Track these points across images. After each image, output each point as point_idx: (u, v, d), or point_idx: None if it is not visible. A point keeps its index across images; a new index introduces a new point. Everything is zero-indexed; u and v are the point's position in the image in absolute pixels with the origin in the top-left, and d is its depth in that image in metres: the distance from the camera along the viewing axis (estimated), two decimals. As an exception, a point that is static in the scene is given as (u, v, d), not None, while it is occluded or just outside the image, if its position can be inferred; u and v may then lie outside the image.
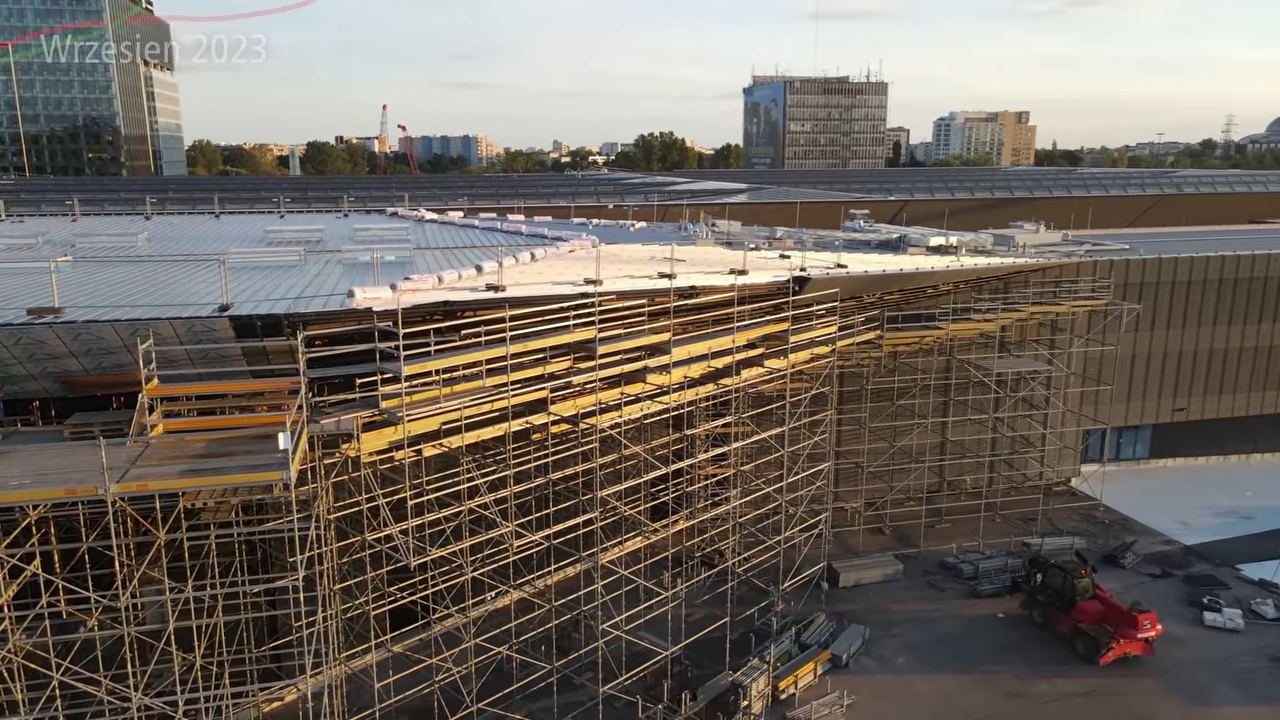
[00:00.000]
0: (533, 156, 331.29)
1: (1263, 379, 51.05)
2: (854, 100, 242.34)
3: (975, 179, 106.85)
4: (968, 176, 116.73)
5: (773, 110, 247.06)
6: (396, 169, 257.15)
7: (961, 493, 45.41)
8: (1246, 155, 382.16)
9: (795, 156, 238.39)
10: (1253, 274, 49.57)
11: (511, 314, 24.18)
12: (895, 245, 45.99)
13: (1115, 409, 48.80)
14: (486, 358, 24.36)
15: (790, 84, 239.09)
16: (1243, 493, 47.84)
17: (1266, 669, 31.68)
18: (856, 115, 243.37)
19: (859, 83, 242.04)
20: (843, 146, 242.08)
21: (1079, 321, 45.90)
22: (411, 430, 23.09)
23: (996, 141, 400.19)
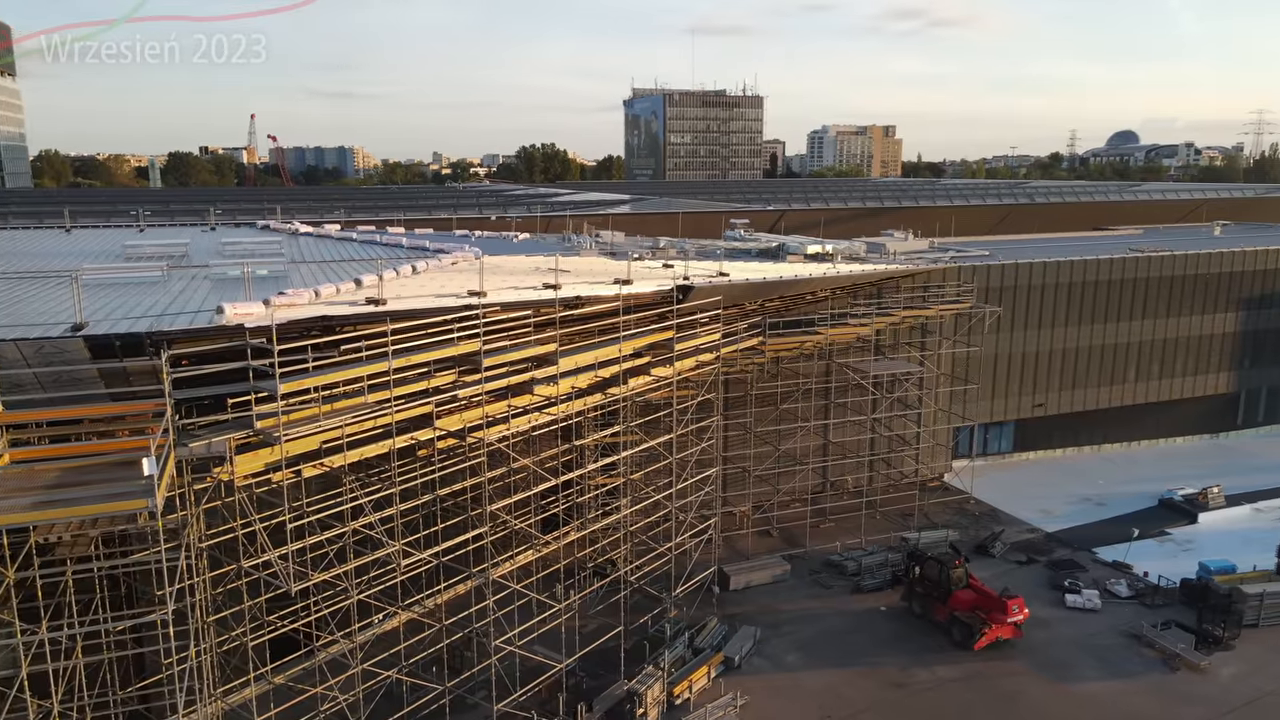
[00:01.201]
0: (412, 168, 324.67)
1: (1110, 375, 54.94)
2: (731, 113, 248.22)
3: (848, 189, 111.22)
4: (841, 187, 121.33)
5: (653, 122, 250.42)
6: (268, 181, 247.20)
7: (844, 492, 46.97)
8: (1089, 167, 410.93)
9: (676, 168, 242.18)
10: (1098, 278, 53.35)
11: (393, 328, 23.59)
12: (775, 253, 47.31)
13: (981, 406, 51.62)
14: (368, 373, 23.67)
15: (670, 97, 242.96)
16: (1096, 481, 51.32)
17: (1122, 644, 34.02)
18: (734, 128, 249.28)
19: (736, 96, 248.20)
20: (722, 158, 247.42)
21: (946, 324, 48.32)
22: (289, 450, 22.18)
23: (866, 154, 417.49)
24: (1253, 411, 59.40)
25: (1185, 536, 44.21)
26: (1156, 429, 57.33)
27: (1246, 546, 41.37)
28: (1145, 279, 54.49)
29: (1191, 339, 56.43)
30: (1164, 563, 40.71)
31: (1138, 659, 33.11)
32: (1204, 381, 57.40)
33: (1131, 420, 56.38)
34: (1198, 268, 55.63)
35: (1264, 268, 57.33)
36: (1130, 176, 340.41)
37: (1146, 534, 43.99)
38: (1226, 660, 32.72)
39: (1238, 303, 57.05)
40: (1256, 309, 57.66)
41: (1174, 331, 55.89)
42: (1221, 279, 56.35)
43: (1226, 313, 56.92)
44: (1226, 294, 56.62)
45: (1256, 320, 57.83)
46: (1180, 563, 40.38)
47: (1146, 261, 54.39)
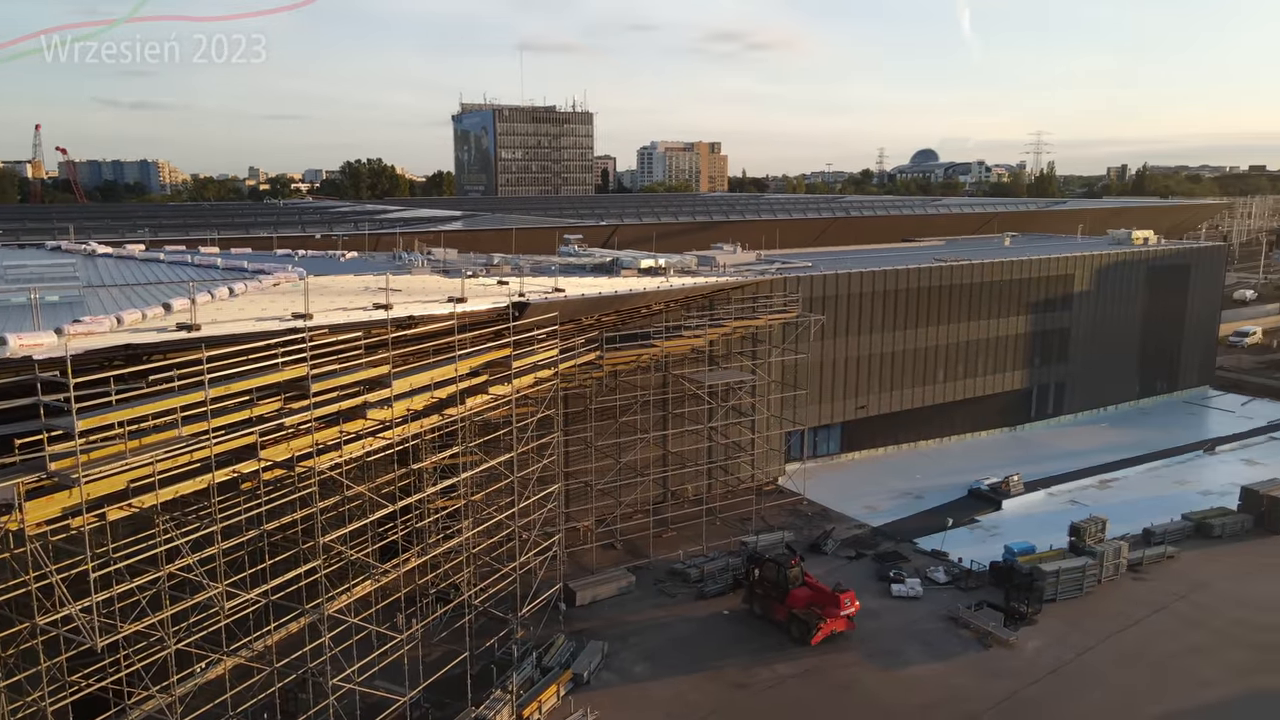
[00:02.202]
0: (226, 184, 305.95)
1: (922, 376, 59.02)
2: (562, 129, 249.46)
3: (678, 204, 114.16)
4: (671, 202, 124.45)
5: (483, 138, 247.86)
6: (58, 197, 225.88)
7: (684, 501, 47.96)
8: (897, 182, 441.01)
9: (508, 184, 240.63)
10: (908, 286, 57.26)
11: (210, 355, 22.10)
12: (609, 268, 47.80)
13: (810, 411, 54.13)
14: (182, 404, 22.04)
15: (500, 112, 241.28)
16: (914, 476, 54.89)
17: (942, 627, 36.50)
18: (565, 144, 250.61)
19: (566, 112, 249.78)
20: (554, 174, 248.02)
21: (775, 333, 50.42)
22: (91, 492, 20.28)
23: (694, 169, 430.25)
24: (1043, 405, 65.38)
25: (992, 522, 48.02)
26: (964, 424, 62.04)
27: (1043, 528, 45.40)
28: (949, 286, 58.98)
29: (990, 341, 61.53)
30: (975, 548, 44.03)
31: (956, 639, 35.60)
32: (1002, 379, 62.69)
33: (943, 417, 60.74)
34: (993, 275, 60.78)
35: (1047, 275, 63.37)
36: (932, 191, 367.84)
37: (959, 522, 47.51)
38: (1031, 634, 35.74)
39: (1027, 307, 62.75)
40: (1043, 312, 63.62)
41: (975, 334, 60.77)
42: (1013, 285, 61.83)
43: (1018, 316, 62.47)
44: (1018, 299, 62.16)
45: (1043, 322, 63.80)
46: (989, 547, 43.79)
47: (950, 270, 58.90)
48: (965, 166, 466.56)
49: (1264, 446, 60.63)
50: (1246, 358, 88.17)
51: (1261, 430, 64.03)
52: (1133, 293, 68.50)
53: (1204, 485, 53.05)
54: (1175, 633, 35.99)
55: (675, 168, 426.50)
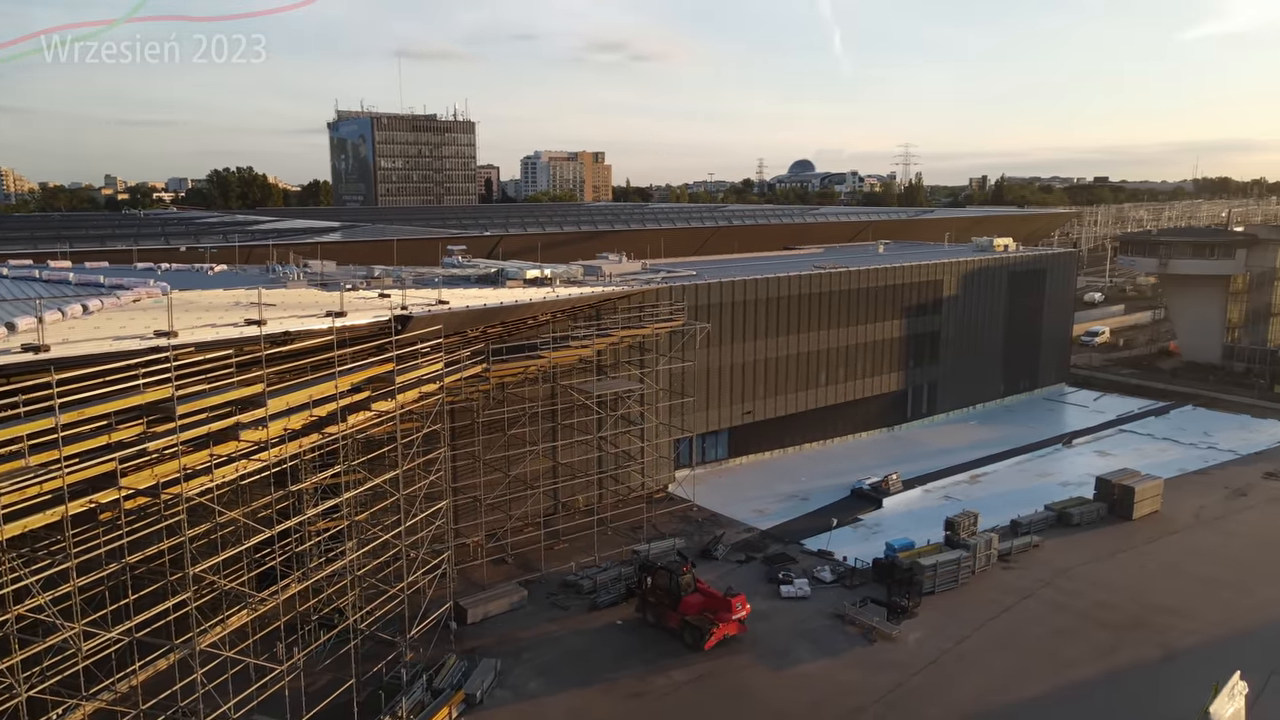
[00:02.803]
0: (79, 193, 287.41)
1: (806, 380, 60.69)
2: (443, 138, 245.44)
3: (563, 214, 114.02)
4: (556, 211, 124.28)
5: (361, 146, 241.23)
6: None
7: (576, 512, 47.72)
8: (776, 192, 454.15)
9: (389, 194, 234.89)
10: (790, 293, 58.81)
11: (61, 378, 20.57)
12: (494, 279, 47.24)
13: (698, 418, 54.81)
14: (29, 432, 20.43)
15: (378, 120, 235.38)
16: (799, 478, 56.32)
17: (829, 625, 37.49)
18: (447, 153, 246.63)
19: (447, 121, 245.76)
20: (436, 183, 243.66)
21: (662, 342, 50.85)
22: (-75, 531, 18.55)
23: (578, 179, 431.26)
24: (918, 405, 68.27)
25: (874, 520, 49.72)
26: (846, 426, 64.10)
27: (921, 524, 47.31)
28: (829, 293, 60.90)
29: (869, 345, 63.85)
30: (859, 546, 45.51)
31: (843, 636, 36.64)
32: (880, 382, 65.14)
33: (826, 420, 62.59)
34: (870, 282, 63.13)
35: (919, 280, 66.29)
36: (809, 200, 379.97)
37: (843, 522, 48.99)
38: (913, 627, 37.13)
39: (902, 311, 65.45)
40: (916, 316, 66.49)
41: (855, 339, 62.93)
42: (889, 291, 64.39)
43: (894, 320, 65.08)
44: (893, 304, 64.77)
45: (916, 326, 66.67)
46: (872, 544, 45.31)
47: (829, 277, 60.83)
48: (840, 176, 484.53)
49: (1115, 439, 65.03)
50: (1097, 356, 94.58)
51: (1112, 424, 68.69)
52: (996, 297, 72.42)
53: (1064, 476, 56.43)
54: (1042, 617, 38.07)
55: (559, 177, 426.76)
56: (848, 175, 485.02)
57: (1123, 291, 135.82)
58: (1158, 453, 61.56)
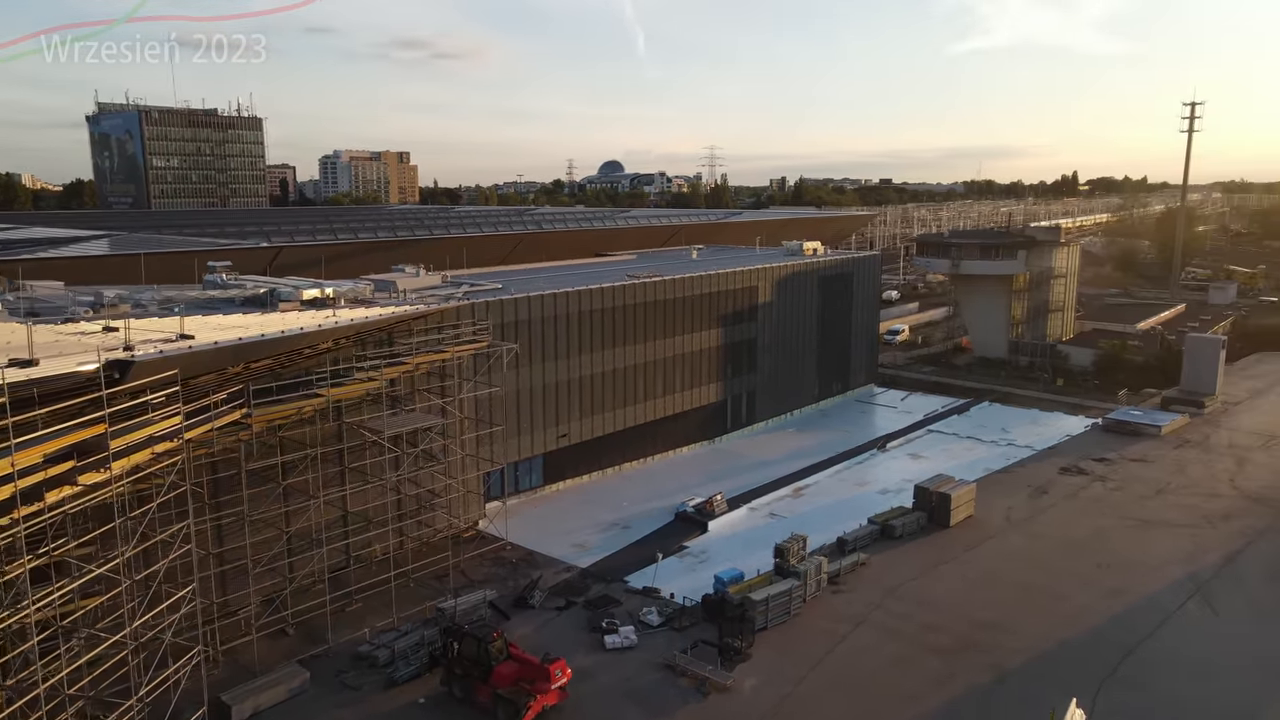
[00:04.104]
0: None
1: (623, 397, 57.42)
2: (227, 135, 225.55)
3: (359, 219, 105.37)
4: (352, 216, 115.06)
5: (129, 143, 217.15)
6: None
7: (371, 563, 41.83)
8: (587, 192, 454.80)
9: (164, 195, 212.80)
10: (604, 305, 55.28)
11: None
12: (264, 301, 40.61)
13: (509, 445, 50.22)
14: None
15: (147, 114, 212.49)
16: (620, 503, 52.91)
17: (658, 679, 34.02)
18: (231, 151, 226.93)
19: (231, 117, 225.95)
20: (220, 184, 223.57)
21: (465, 366, 45.83)
22: None
23: (383, 179, 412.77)
24: (738, 415, 66.81)
25: (700, 547, 47.04)
26: (666, 442, 61.46)
27: (749, 547, 45.14)
28: (645, 303, 57.92)
29: (687, 356, 61.51)
30: (687, 578, 42.59)
31: (674, 691, 33.29)
32: (700, 393, 63.00)
33: (646, 437, 59.63)
34: (686, 291, 60.74)
35: (735, 287, 64.72)
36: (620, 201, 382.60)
37: (669, 551, 45.98)
38: (748, 671, 34.35)
39: (718, 320, 63.61)
40: (733, 324, 64.90)
41: (672, 350, 60.37)
42: (705, 300, 62.31)
43: (711, 329, 63.13)
44: (709, 313, 62.78)
45: (733, 334, 65.09)
46: (700, 576, 42.50)
47: (644, 287, 57.84)
48: (649, 177, 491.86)
49: (924, 440, 66.22)
50: (899, 354, 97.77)
51: (920, 424, 70.15)
52: (808, 301, 72.33)
53: (882, 483, 56.30)
54: (877, 646, 36.41)
55: (362, 178, 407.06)
56: (656, 176, 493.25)
57: (916, 289, 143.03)
58: (964, 451, 63.05)
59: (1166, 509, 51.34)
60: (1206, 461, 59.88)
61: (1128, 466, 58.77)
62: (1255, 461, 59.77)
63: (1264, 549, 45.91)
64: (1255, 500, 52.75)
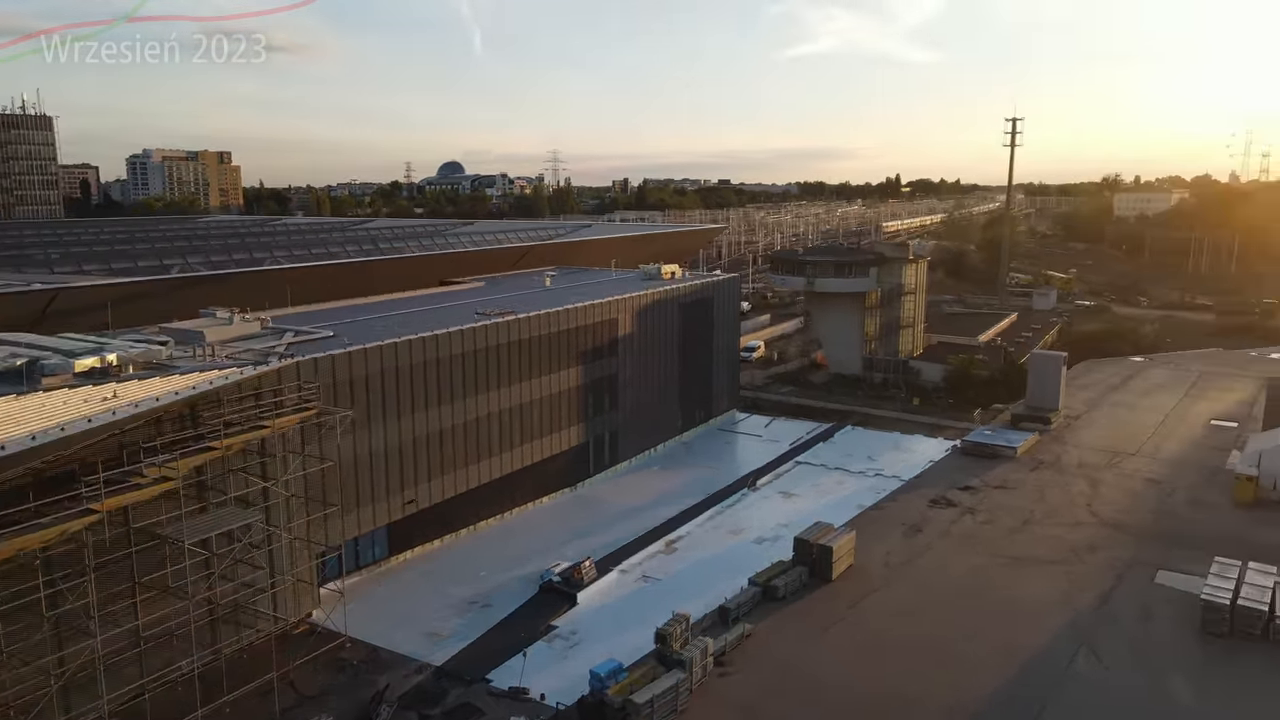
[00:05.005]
0: None
1: (477, 451, 51.84)
2: (10, 135, 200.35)
3: (154, 239, 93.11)
4: (156, 233, 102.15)
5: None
6: None
7: (177, 684, 34.53)
8: (426, 195, 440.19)
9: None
10: (452, 352, 49.49)
11: None
12: (23, 377, 32.73)
13: (348, 521, 43.89)
14: None
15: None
16: (478, 573, 47.41)
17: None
18: (18, 153, 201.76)
19: (13, 115, 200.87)
20: (3, 190, 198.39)
21: (291, 438, 39.12)
22: None
23: (202, 180, 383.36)
24: (600, 457, 62.48)
25: (570, 627, 42.24)
26: (526, 494, 56.34)
27: (624, 624, 41.00)
28: (498, 346, 52.52)
29: (545, 399, 56.58)
30: (558, 669, 37.95)
31: (554, 832, 28.54)
32: (560, 438, 58.21)
33: (501, 491, 54.26)
34: (543, 329, 55.75)
35: (594, 321, 60.28)
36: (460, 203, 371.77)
37: (536, 633, 41.13)
38: (636, 796, 30.04)
39: (577, 357, 58.99)
40: (592, 361, 60.46)
41: (530, 394, 55.29)
42: (563, 337, 57.53)
43: (570, 368, 58.42)
44: (568, 350, 58.07)
45: (593, 371, 60.67)
46: (573, 665, 37.96)
47: (497, 328, 52.40)
48: (490, 179, 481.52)
49: (793, 473, 64.11)
50: (757, 373, 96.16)
51: (787, 455, 68.09)
52: (669, 330, 68.91)
53: (756, 530, 53.44)
54: (773, 744, 32.99)
55: (177, 179, 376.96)
56: (498, 178, 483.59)
57: (766, 298, 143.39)
58: (835, 486, 61.36)
59: (1035, 543, 50.99)
60: (1063, 484, 60.66)
61: (992, 495, 58.62)
62: (1106, 483, 61.04)
63: (1132, 585, 45.92)
64: (1114, 528, 53.37)
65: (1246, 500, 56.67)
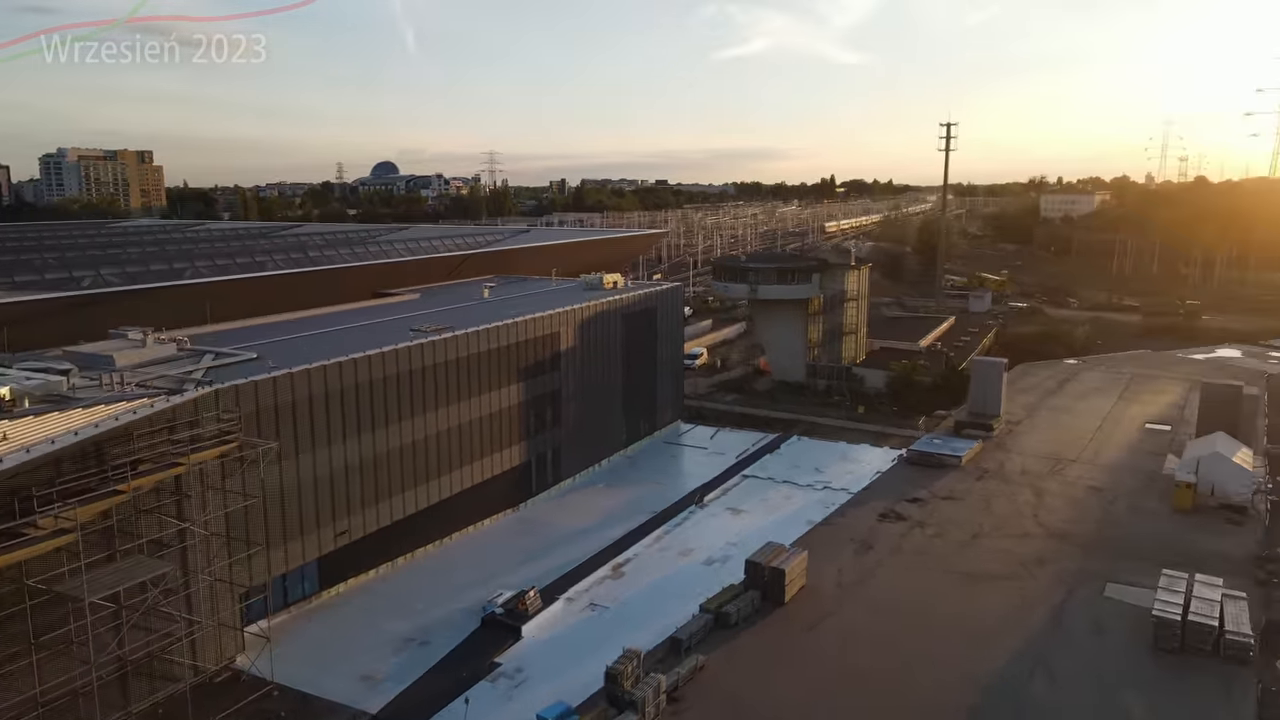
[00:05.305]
0: None
1: (414, 475, 49.36)
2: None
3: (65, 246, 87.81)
4: (69, 240, 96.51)
5: None
6: None
7: (84, 750, 31.62)
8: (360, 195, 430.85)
9: None
10: (385, 373, 46.94)
11: None
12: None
13: (275, 557, 41.08)
14: None
15: None
16: (415, 606, 44.98)
17: None
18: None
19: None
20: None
21: (210, 474, 36.30)
22: None
23: (121, 180, 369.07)
24: (543, 475, 60.43)
25: (515, 665, 40.07)
26: (466, 517, 54.03)
27: (573, 658, 39.23)
28: (436, 365, 50.10)
29: (486, 418, 54.33)
30: (502, 713, 36.11)
31: None
32: (501, 458, 56.00)
33: (441, 515, 51.85)
34: (482, 344, 53.48)
35: (535, 335, 58.21)
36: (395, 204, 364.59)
37: (478, 673, 38.98)
38: None
39: (519, 373, 56.86)
40: (533, 376, 58.39)
41: (470, 414, 52.98)
42: (504, 353, 55.36)
43: (511, 385, 56.26)
44: (509, 366, 55.91)
45: (534, 387, 58.60)
46: (518, 707, 36.05)
47: (433, 347, 49.95)
48: (426, 180, 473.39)
49: (741, 488, 62.90)
50: (701, 380, 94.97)
51: (734, 468, 66.88)
52: (613, 342, 67.18)
53: (706, 550, 52.01)
54: (731, 789, 31.50)
55: (95, 179, 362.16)
56: (433, 178, 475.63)
57: (707, 302, 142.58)
58: (783, 501, 60.30)
59: (985, 558, 50.54)
60: (1008, 494, 60.58)
61: (940, 507, 58.18)
62: (1050, 491, 61.17)
63: (1082, 599, 45.68)
64: (1060, 539, 53.29)
65: (1185, 507, 57.22)
